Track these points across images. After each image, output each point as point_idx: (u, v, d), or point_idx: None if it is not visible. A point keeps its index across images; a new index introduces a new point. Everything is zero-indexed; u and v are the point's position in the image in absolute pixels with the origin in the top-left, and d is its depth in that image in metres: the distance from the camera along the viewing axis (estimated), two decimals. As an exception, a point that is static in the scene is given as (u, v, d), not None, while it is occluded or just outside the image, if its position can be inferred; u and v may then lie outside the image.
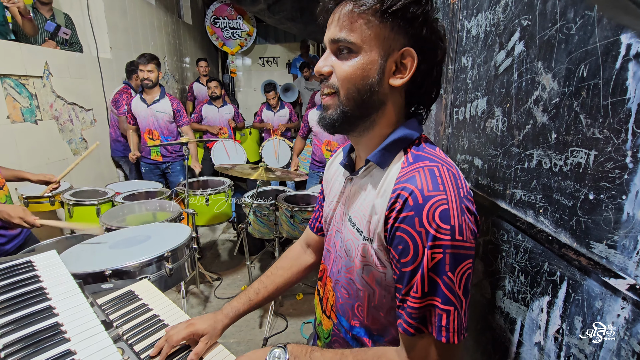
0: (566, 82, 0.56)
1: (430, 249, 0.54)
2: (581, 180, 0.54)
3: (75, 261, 1.30)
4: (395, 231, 0.57)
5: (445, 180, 0.56)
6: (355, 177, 0.71)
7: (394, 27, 0.58)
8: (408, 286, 0.57)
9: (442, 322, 0.55)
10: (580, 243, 0.54)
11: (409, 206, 0.55)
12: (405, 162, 0.61)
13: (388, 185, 0.61)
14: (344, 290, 0.73)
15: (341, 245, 0.73)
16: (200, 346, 0.78)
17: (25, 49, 2.47)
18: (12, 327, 0.67)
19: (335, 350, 0.68)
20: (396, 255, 0.58)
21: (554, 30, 0.59)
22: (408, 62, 0.60)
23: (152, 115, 2.99)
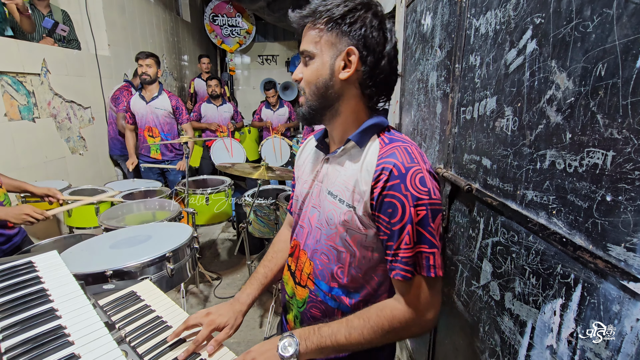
0: (582, 82, 0.55)
1: (415, 207, 0.68)
2: (598, 181, 0.53)
3: (75, 261, 1.28)
4: (383, 198, 0.70)
5: (417, 155, 0.72)
6: (332, 157, 0.83)
7: (338, 33, 0.73)
8: (399, 240, 0.70)
9: (429, 262, 0.70)
10: (597, 245, 0.53)
11: (394, 176, 0.69)
12: (382, 143, 0.75)
13: (370, 162, 0.73)
14: (324, 256, 0.82)
15: (320, 218, 0.83)
16: (222, 335, 0.84)
17: (23, 45, 2.43)
18: (14, 329, 0.66)
19: (339, 320, 0.76)
20: (386, 217, 0.71)
21: (569, 28, 0.58)
22: (352, 59, 0.73)
23: (151, 112, 2.97)
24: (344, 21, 0.72)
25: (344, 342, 0.73)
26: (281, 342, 0.74)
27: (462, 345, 1.03)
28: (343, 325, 0.74)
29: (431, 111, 1.29)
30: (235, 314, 0.88)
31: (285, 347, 0.73)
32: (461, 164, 1.01)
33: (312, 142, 0.94)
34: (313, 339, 0.74)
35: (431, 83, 1.29)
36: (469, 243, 0.97)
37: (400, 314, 0.73)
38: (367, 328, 0.73)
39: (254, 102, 7.10)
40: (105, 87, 3.38)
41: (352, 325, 0.74)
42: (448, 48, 1.11)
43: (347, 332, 0.73)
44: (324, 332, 0.74)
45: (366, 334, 0.73)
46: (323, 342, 0.73)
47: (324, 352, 0.75)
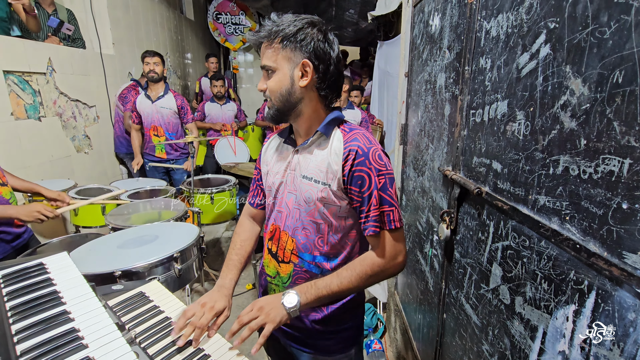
0: (598, 88, 0.55)
1: (377, 177, 0.89)
2: (613, 188, 0.53)
3: (84, 261, 1.29)
4: (353, 173, 0.89)
5: (371, 139, 0.93)
6: (301, 148, 0.99)
7: (292, 49, 0.88)
8: (369, 204, 0.90)
9: (390, 217, 0.91)
10: (612, 253, 0.53)
11: (359, 155, 0.88)
12: (344, 132, 0.94)
13: (337, 146, 0.92)
14: (305, 231, 0.98)
15: (297, 199, 0.98)
16: (221, 319, 0.97)
17: (29, 45, 2.44)
18: (29, 332, 0.67)
19: (330, 274, 0.94)
20: (356, 188, 0.90)
21: (585, 34, 0.58)
22: (307, 69, 0.89)
23: (157, 112, 2.98)
24: (296, 38, 0.87)
25: (337, 290, 0.91)
26: (285, 297, 0.89)
27: (470, 348, 1.03)
28: (335, 277, 0.92)
29: (439, 113, 1.29)
30: (227, 297, 1.02)
31: (288, 300, 0.89)
32: (470, 167, 1.01)
33: (276, 139, 1.11)
34: (312, 291, 0.90)
35: (439, 84, 1.28)
36: (478, 246, 0.97)
37: (377, 261, 0.93)
38: (354, 276, 0.91)
39: (257, 100, 7.10)
40: (109, 86, 3.39)
41: (342, 275, 0.92)
42: (457, 50, 1.10)
43: (339, 281, 0.91)
44: (319, 284, 0.91)
45: (354, 280, 0.91)
46: (320, 292, 0.90)
47: (321, 301, 0.92)
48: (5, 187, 1.53)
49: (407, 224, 1.81)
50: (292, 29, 0.87)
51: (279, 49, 0.88)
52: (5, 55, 2.24)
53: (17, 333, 0.66)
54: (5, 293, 0.79)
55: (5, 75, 2.24)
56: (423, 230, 1.51)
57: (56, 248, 1.71)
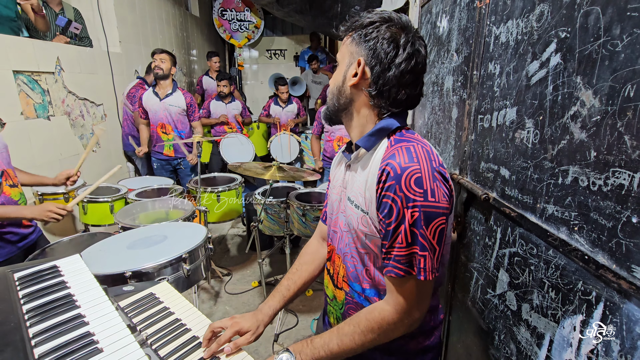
0: (609, 101, 0.55)
1: (409, 209, 0.70)
2: (623, 202, 0.53)
3: (95, 262, 1.31)
4: (382, 198, 0.73)
5: (419, 154, 0.72)
6: (352, 163, 0.86)
7: (357, 43, 0.79)
8: (392, 239, 0.72)
9: (421, 264, 0.71)
10: (621, 266, 0.53)
11: (390, 177, 0.71)
12: (389, 145, 0.77)
13: (375, 164, 0.77)
14: (353, 259, 0.86)
15: (345, 222, 0.86)
16: (242, 340, 0.87)
17: (38, 44, 2.46)
18: (46, 335, 0.68)
19: (330, 330, 0.80)
20: (382, 217, 0.74)
21: (597, 45, 0.57)
22: (361, 69, 0.78)
23: (164, 109, 2.99)
24: (362, 33, 0.77)
25: (337, 350, 0.77)
26: (279, 356, 0.77)
27: (475, 351, 1.04)
28: (334, 334, 0.78)
29: (446, 115, 1.28)
30: (258, 323, 0.91)
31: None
32: (477, 172, 1.01)
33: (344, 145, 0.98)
34: (307, 352, 0.77)
35: (447, 87, 1.28)
36: (484, 251, 0.97)
37: (388, 315, 0.76)
38: (357, 333, 0.77)
39: (262, 97, 7.10)
40: (117, 84, 3.41)
41: (343, 332, 0.78)
42: (465, 53, 1.10)
43: (339, 339, 0.77)
44: (316, 344, 0.78)
45: (357, 339, 0.77)
46: (317, 353, 0.77)
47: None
48: (16, 188, 1.56)
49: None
50: (364, 22, 0.78)
51: (346, 42, 0.81)
52: (15, 56, 2.26)
53: (34, 336, 0.68)
54: (21, 296, 0.81)
55: (15, 75, 2.27)
56: (429, 232, 1.52)
57: (65, 247, 1.73)
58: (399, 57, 0.76)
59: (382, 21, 0.77)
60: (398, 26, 0.77)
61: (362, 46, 0.78)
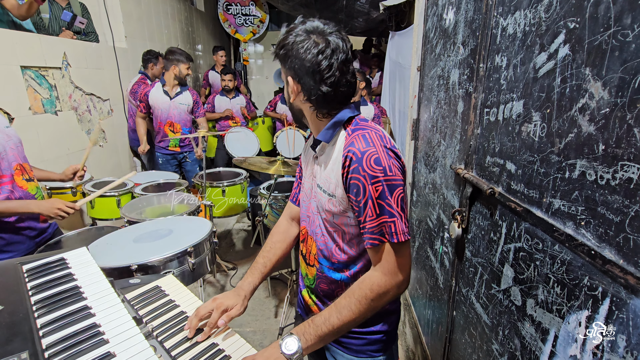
0: (619, 93, 0.54)
1: (373, 184, 0.79)
2: (632, 196, 0.52)
3: (102, 255, 1.33)
4: (349, 181, 0.82)
5: (373, 139, 0.83)
6: (318, 156, 0.96)
7: (283, 64, 0.87)
8: (364, 214, 0.82)
9: (391, 229, 0.81)
10: (628, 261, 0.52)
11: (353, 161, 0.81)
12: (347, 135, 0.87)
13: (338, 153, 0.86)
14: (323, 237, 0.96)
15: (316, 207, 0.96)
16: (233, 312, 0.94)
17: (45, 40, 2.48)
18: (53, 326, 0.70)
19: (328, 307, 0.86)
20: (353, 197, 0.83)
21: (607, 36, 0.56)
22: (292, 86, 0.87)
23: (174, 108, 3.02)
24: (282, 54, 0.86)
25: (339, 323, 0.82)
26: (283, 343, 0.81)
27: (479, 346, 1.04)
28: (333, 309, 0.84)
29: (452, 109, 1.27)
30: (241, 298, 0.99)
31: (287, 346, 0.80)
32: (483, 166, 1.00)
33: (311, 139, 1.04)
34: (310, 331, 0.82)
35: (452, 80, 1.26)
36: (489, 246, 0.96)
37: (377, 280, 0.83)
38: (353, 302, 0.83)
39: (267, 92, 7.09)
40: (123, 79, 3.43)
41: (340, 305, 0.84)
42: (472, 46, 1.08)
43: (338, 312, 0.83)
44: (318, 322, 0.83)
45: (354, 308, 0.82)
46: (320, 330, 0.82)
47: (325, 339, 0.83)
48: (32, 182, 1.58)
49: (417, 220, 1.81)
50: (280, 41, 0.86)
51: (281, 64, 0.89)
52: (22, 51, 2.28)
53: (42, 327, 0.70)
54: (30, 287, 0.82)
55: (22, 71, 2.29)
56: (434, 226, 1.51)
57: (73, 240, 1.76)
58: (312, 65, 0.82)
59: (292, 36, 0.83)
60: (302, 36, 0.82)
61: (286, 66, 0.86)
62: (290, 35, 0.84)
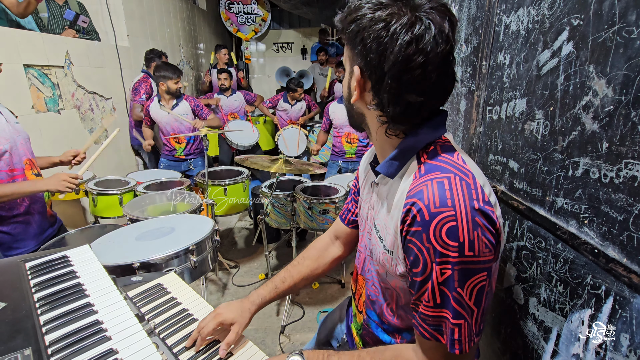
0: (623, 90, 0.53)
1: (439, 264, 0.55)
2: (636, 194, 0.52)
3: (104, 253, 1.33)
4: (407, 243, 0.59)
5: (456, 193, 0.55)
6: (379, 182, 0.73)
7: (352, 49, 0.61)
8: (419, 293, 0.60)
9: (454, 335, 0.57)
10: (632, 259, 0.52)
11: (417, 222, 0.56)
12: (417, 173, 0.61)
13: (401, 196, 0.62)
14: (374, 287, 0.77)
15: (369, 247, 0.77)
16: (231, 336, 0.81)
17: (47, 38, 2.49)
18: (56, 323, 0.70)
19: (351, 352, 0.71)
20: (408, 264, 0.61)
21: (611, 32, 0.56)
22: (359, 79, 0.62)
23: (174, 120, 3.03)
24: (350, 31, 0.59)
25: None
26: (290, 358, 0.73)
27: (481, 345, 1.03)
28: (355, 357, 0.69)
29: (454, 107, 1.27)
30: (244, 312, 0.87)
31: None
32: (486, 165, 1.00)
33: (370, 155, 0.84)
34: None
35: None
36: (492, 245, 0.96)
37: None
38: None
39: (269, 90, 7.09)
40: (125, 78, 3.43)
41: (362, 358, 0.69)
42: (475, 44, 1.08)
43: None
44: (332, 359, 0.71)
45: None
46: None
47: None
48: (40, 177, 1.60)
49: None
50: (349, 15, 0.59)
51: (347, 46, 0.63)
52: (25, 50, 2.29)
53: (45, 324, 0.70)
54: (32, 284, 0.83)
55: (25, 69, 2.30)
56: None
57: (76, 238, 1.76)
58: (399, 60, 0.55)
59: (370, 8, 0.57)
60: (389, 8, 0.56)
61: (355, 50, 0.60)
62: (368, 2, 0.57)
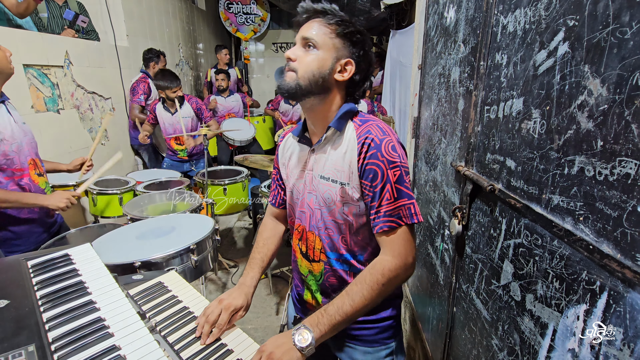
0: (617, 89, 0.54)
1: (391, 169, 0.84)
2: (629, 191, 0.53)
3: (105, 252, 1.34)
4: (365, 166, 0.86)
5: (386, 130, 0.88)
6: (317, 147, 0.96)
7: (344, 43, 0.89)
8: (380, 198, 0.86)
9: (410, 211, 0.87)
10: (625, 255, 0.53)
11: (371, 147, 0.85)
12: (357, 125, 0.91)
13: (350, 142, 0.89)
14: (328, 230, 0.96)
15: (317, 200, 0.96)
16: (237, 317, 0.96)
17: (47, 38, 2.49)
18: (59, 320, 0.71)
19: (339, 294, 0.86)
20: (368, 182, 0.86)
21: (605, 33, 0.57)
22: (348, 68, 0.91)
23: (178, 122, 3.05)
24: (352, 37, 0.89)
25: (351, 310, 0.82)
26: (295, 335, 0.80)
27: (479, 342, 1.04)
28: (345, 297, 0.84)
29: (452, 107, 1.28)
30: (247, 296, 1.01)
31: (300, 339, 0.79)
32: (483, 163, 1.01)
33: (290, 139, 1.07)
34: (324, 321, 0.82)
35: (453, 78, 1.27)
36: (489, 242, 0.97)
37: (388, 264, 0.86)
38: (365, 288, 0.84)
39: (268, 90, 7.10)
40: (124, 78, 3.43)
41: (352, 292, 0.84)
42: (472, 44, 1.09)
43: (351, 300, 0.83)
44: (330, 311, 0.83)
45: (366, 294, 0.83)
46: (333, 319, 0.82)
47: (338, 328, 0.83)
48: (42, 177, 1.60)
49: (418, 218, 1.81)
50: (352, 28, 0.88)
51: (332, 34, 0.87)
52: (24, 49, 2.29)
53: (48, 321, 0.71)
54: (35, 282, 0.83)
55: (25, 69, 2.30)
56: (434, 224, 1.52)
57: (76, 238, 1.77)
58: (371, 57, 0.93)
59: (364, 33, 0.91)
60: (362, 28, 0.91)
61: (349, 49, 0.89)
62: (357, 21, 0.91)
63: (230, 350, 0.83)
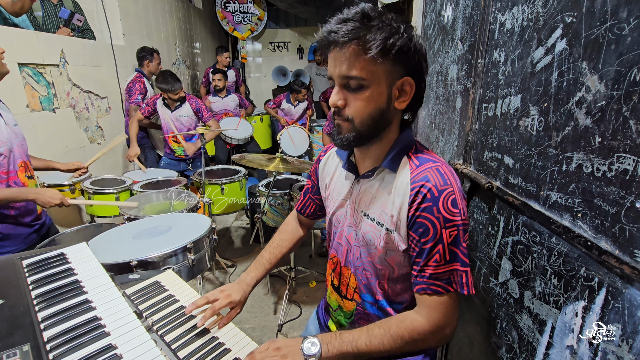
0: (615, 85, 0.54)
1: (447, 228, 0.72)
2: (627, 187, 0.53)
3: (102, 251, 1.33)
4: (416, 218, 0.74)
5: (448, 176, 0.74)
6: (362, 180, 0.85)
7: (394, 62, 0.70)
8: (427, 258, 0.74)
9: (463, 279, 0.74)
10: (624, 251, 0.53)
11: (427, 199, 0.72)
12: (412, 165, 0.77)
13: (403, 185, 0.76)
14: (366, 272, 0.87)
15: (357, 237, 0.87)
16: (232, 313, 0.95)
17: (42, 37, 2.47)
18: (54, 319, 0.70)
19: (360, 328, 0.80)
20: (416, 236, 0.74)
21: (603, 29, 0.57)
22: (407, 88, 0.74)
23: (175, 120, 3.04)
24: (402, 51, 0.69)
25: (364, 349, 0.76)
26: (305, 343, 0.78)
27: (477, 339, 1.05)
28: (364, 333, 0.78)
29: (450, 105, 1.28)
30: (245, 294, 0.99)
31: (309, 347, 0.77)
32: (481, 161, 1.01)
33: (335, 158, 0.96)
34: (335, 344, 0.77)
35: (451, 77, 1.27)
36: (487, 240, 0.97)
37: (420, 327, 0.76)
38: (387, 337, 0.76)
39: (265, 90, 7.08)
40: (121, 77, 3.41)
41: (372, 333, 0.77)
42: (470, 42, 1.09)
43: (368, 339, 0.77)
44: (345, 338, 0.78)
45: (386, 343, 0.76)
46: (344, 347, 0.77)
47: (345, 357, 0.77)
48: (32, 179, 1.59)
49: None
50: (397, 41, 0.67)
51: (377, 60, 0.68)
52: (19, 48, 2.27)
53: (43, 320, 0.70)
54: (30, 282, 0.82)
55: (20, 68, 2.28)
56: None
57: (72, 237, 1.76)
58: (426, 70, 0.77)
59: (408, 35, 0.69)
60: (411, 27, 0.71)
61: (401, 63, 0.71)
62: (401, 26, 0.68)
63: (228, 349, 0.83)
